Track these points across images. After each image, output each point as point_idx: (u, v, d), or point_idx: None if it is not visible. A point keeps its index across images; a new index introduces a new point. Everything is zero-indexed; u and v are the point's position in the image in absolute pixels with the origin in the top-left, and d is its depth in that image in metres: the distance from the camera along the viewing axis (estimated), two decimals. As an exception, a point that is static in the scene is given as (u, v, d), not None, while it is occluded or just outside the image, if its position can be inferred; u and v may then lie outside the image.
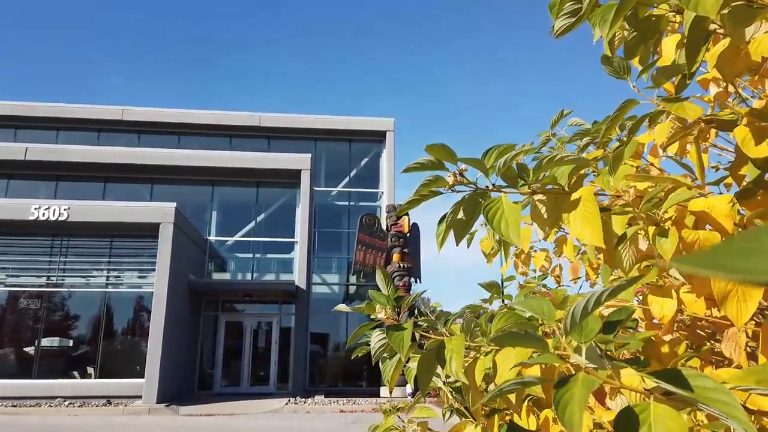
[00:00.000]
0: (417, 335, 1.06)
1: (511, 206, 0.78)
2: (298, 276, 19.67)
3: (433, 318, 1.09)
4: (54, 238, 16.85)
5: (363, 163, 23.71)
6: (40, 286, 16.78)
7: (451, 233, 0.85)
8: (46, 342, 16.47)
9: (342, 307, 1.34)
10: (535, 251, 2.21)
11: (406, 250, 19.09)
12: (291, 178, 20.81)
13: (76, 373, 16.42)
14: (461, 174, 0.80)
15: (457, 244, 0.83)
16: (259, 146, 22.74)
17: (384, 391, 17.40)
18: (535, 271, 2.15)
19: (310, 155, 20.97)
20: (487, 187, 0.82)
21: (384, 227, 19.57)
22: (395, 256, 18.86)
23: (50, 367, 16.20)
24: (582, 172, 0.86)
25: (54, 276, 16.84)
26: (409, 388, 15.28)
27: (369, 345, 1.32)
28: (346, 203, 23.24)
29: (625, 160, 0.92)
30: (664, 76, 0.93)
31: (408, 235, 19.46)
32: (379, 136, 23.41)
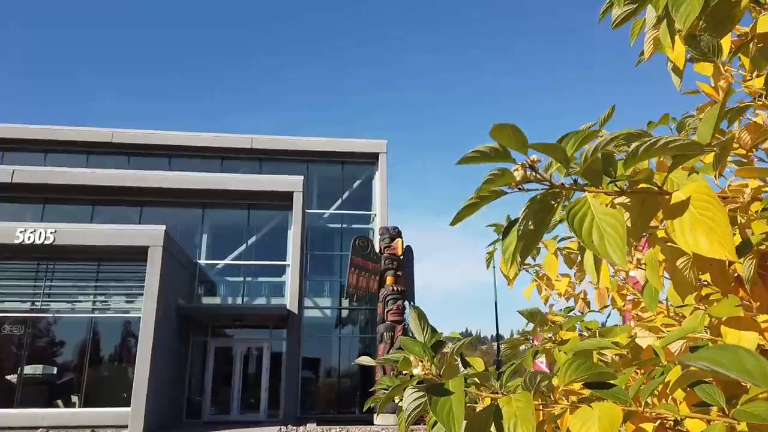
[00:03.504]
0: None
1: (604, 211, 0.59)
2: (289, 300, 19.30)
3: (483, 370, 0.87)
4: (39, 262, 16.46)
5: (356, 185, 23.56)
6: (24, 311, 16.32)
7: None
8: (29, 370, 15.95)
9: (365, 359, 1.11)
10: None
11: (399, 272, 18.87)
12: (283, 200, 20.58)
13: (59, 402, 15.88)
14: (532, 167, 0.61)
15: (522, 261, 0.63)
16: (251, 168, 22.54)
17: (378, 419, 16.98)
18: (565, 297, 1.95)
19: (302, 177, 20.78)
20: (562, 184, 0.63)
21: (377, 250, 19.36)
22: (389, 279, 18.63)
23: (33, 396, 15.66)
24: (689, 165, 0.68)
25: (39, 301, 16.40)
26: (403, 415, 14.91)
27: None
28: (339, 225, 23.02)
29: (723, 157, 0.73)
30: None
31: (401, 257, 19.25)
32: (371, 158, 23.31)
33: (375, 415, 16.95)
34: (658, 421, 0.76)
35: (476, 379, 0.81)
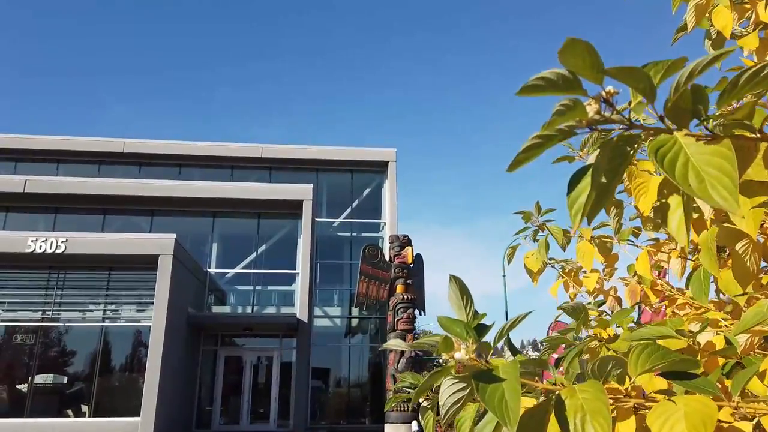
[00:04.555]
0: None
1: (702, 150, 0.47)
2: (299, 309, 19.19)
3: (538, 355, 0.75)
4: (51, 271, 16.49)
5: (365, 193, 23.49)
6: (35, 320, 16.34)
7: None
8: (39, 379, 15.93)
9: (397, 343, 0.94)
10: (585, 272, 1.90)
11: (409, 281, 18.66)
12: (292, 209, 20.54)
13: (70, 412, 15.84)
14: (608, 100, 0.50)
15: (591, 218, 0.53)
16: (261, 177, 22.55)
17: (388, 428, 16.75)
18: (593, 294, 1.83)
19: (311, 186, 20.74)
20: (641, 124, 0.52)
21: (387, 258, 19.21)
22: (399, 288, 18.43)
23: (44, 406, 15.62)
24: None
25: (50, 310, 16.42)
26: (415, 425, 14.68)
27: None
28: (348, 234, 22.93)
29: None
30: None
31: (411, 265, 19.08)
32: (381, 167, 23.25)
33: (387, 425, 16.73)
34: (756, 419, 0.65)
35: (530, 367, 0.69)
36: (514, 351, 0.75)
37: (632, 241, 1.62)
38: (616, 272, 2.05)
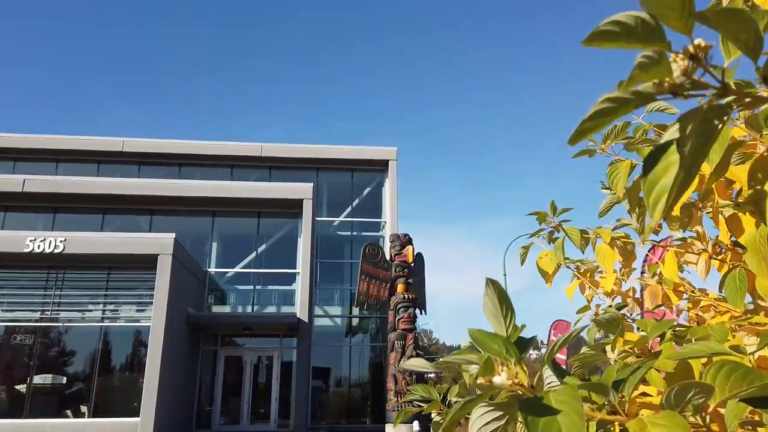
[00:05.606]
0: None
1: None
2: (299, 308, 19.09)
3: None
4: (49, 270, 16.40)
5: (365, 192, 23.39)
6: (34, 320, 16.24)
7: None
8: (38, 379, 15.83)
9: (419, 363, 0.79)
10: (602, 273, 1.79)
11: (410, 280, 18.58)
12: (293, 208, 20.44)
13: (69, 412, 15.74)
14: (697, 57, 0.39)
15: (673, 204, 0.42)
16: (261, 176, 22.45)
17: (389, 428, 16.67)
18: (611, 296, 1.72)
19: (312, 185, 20.63)
20: (735, 89, 0.41)
21: (388, 257, 19.11)
22: (400, 287, 18.34)
23: (42, 406, 15.53)
24: None
25: (49, 310, 16.32)
26: (416, 426, 14.59)
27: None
28: (349, 233, 22.83)
29: None
30: None
31: (412, 265, 18.98)
32: (381, 165, 23.14)
33: (388, 425, 16.65)
34: None
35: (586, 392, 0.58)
36: (560, 372, 0.61)
37: (655, 241, 1.51)
38: (634, 272, 1.95)
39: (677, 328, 1.16)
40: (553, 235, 1.59)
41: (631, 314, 1.91)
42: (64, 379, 16.17)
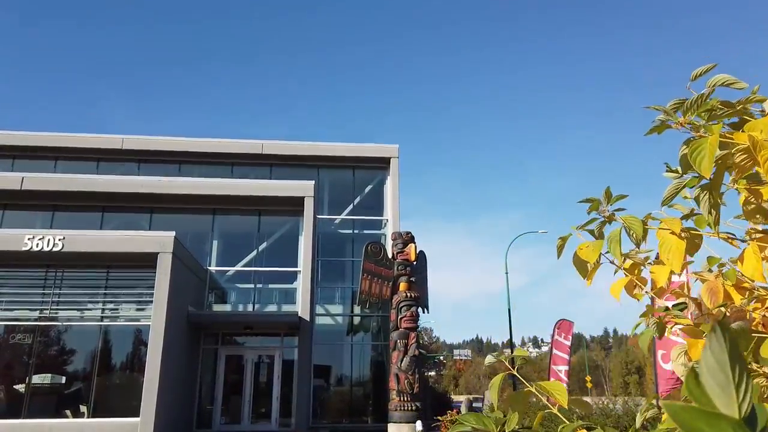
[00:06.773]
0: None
1: None
2: (301, 307, 18.96)
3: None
4: (48, 269, 16.26)
5: (367, 190, 23.24)
6: (33, 320, 16.10)
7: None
8: (37, 379, 15.70)
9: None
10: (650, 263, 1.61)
11: (412, 278, 18.44)
12: (294, 206, 20.29)
13: (68, 412, 15.61)
14: None
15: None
16: (262, 174, 22.30)
17: (392, 428, 16.53)
18: (662, 294, 1.56)
19: (313, 182, 20.48)
20: None
21: (390, 255, 18.97)
22: (402, 285, 18.20)
23: (41, 406, 15.41)
24: None
25: (48, 309, 16.18)
26: (419, 425, 14.44)
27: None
28: (350, 231, 22.68)
29: None
30: None
31: (414, 263, 18.84)
32: (383, 163, 23.00)
33: (390, 424, 16.50)
34: None
35: None
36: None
37: (732, 235, 1.35)
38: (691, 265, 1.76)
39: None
40: (604, 225, 1.43)
41: (692, 315, 1.74)
42: (64, 378, 16.04)
